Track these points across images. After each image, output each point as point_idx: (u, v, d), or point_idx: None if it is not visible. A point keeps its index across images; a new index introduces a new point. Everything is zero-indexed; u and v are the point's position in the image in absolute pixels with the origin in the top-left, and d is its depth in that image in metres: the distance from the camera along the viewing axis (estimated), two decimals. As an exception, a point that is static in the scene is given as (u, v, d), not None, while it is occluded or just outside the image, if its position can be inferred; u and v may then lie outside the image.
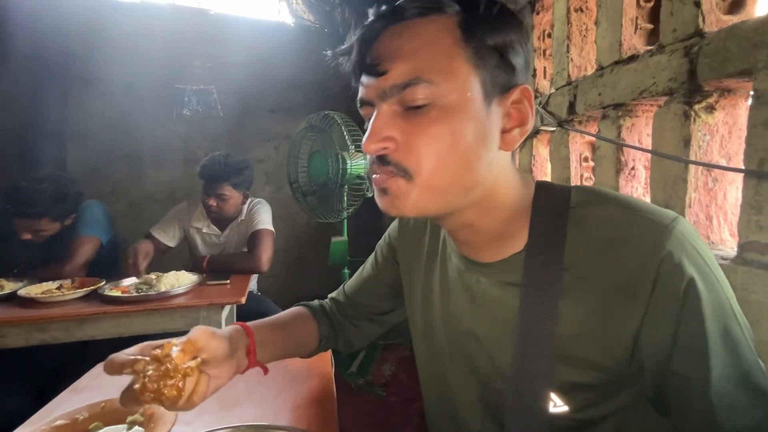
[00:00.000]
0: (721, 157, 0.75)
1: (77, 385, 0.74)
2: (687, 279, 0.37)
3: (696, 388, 0.37)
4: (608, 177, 0.96)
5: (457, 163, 0.41)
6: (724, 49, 0.68)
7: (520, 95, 0.42)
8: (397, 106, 0.41)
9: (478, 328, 0.49)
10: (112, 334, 1.19)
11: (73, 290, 1.24)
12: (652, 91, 0.82)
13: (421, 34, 0.40)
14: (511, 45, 0.41)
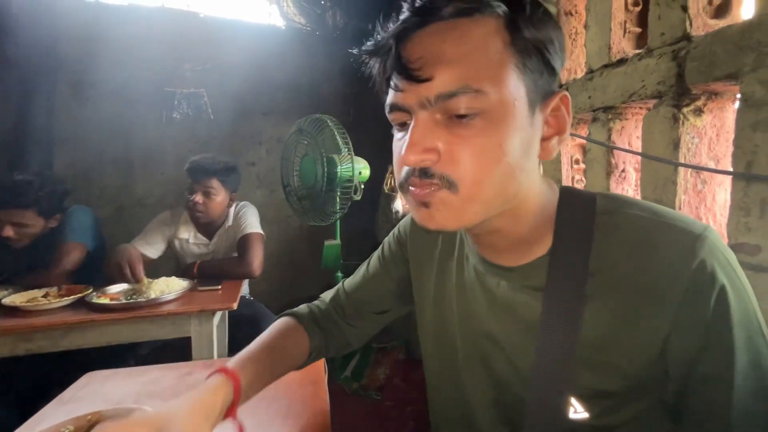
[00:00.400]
0: (709, 159, 0.76)
1: (63, 397, 0.72)
2: (719, 286, 0.37)
3: (717, 394, 0.38)
4: (599, 179, 0.96)
5: (503, 175, 0.39)
6: (711, 52, 0.68)
7: (559, 102, 0.41)
8: (439, 115, 0.38)
9: (497, 331, 0.48)
10: (100, 343, 1.16)
11: (59, 298, 1.21)
12: (641, 94, 0.83)
13: (469, 37, 0.37)
14: (553, 47, 0.39)
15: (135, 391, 0.74)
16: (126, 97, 2.37)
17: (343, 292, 0.71)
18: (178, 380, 0.78)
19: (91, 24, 2.32)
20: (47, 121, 2.23)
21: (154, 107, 2.44)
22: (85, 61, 2.31)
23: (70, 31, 2.28)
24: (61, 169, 2.31)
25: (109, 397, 0.71)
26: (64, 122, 2.30)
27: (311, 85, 2.66)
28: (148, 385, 0.76)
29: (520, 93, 0.38)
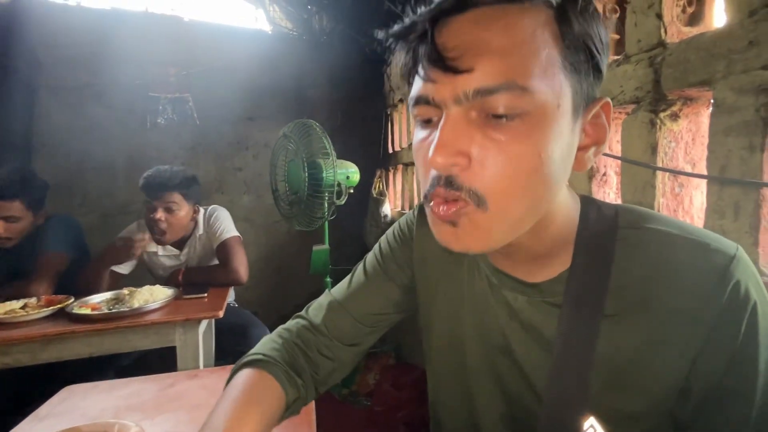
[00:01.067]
0: (686, 162, 0.78)
1: (39, 413, 0.70)
2: (752, 303, 0.37)
3: (738, 408, 0.37)
4: (582, 182, 0.98)
5: (538, 188, 0.36)
6: (685, 59, 0.70)
7: (600, 109, 0.38)
8: (474, 113, 0.34)
9: (514, 345, 0.46)
10: (82, 355, 1.14)
11: (38, 309, 1.18)
12: (620, 99, 0.84)
13: (516, 27, 0.33)
14: (602, 46, 0.36)
15: (115, 405, 0.72)
16: (108, 102, 2.33)
17: (338, 307, 0.60)
18: (161, 392, 0.76)
19: (71, 28, 2.28)
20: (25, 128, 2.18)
21: (137, 112, 2.41)
22: (64, 66, 2.27)
23: (50, 35, 2.24)
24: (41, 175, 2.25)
25: (87, 412, 0.69)
26: (43, 129, 2.25)
27: (298, 90, 2.66)
28: (130, 398, 0.75)
29: (565, 95, 0.34)
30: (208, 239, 1.65)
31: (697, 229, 0.40)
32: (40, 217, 1.46)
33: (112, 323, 1.14)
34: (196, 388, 0.78)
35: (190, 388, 0.78)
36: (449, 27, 0.34)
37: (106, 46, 2.30)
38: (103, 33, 2.30)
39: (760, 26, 0.58)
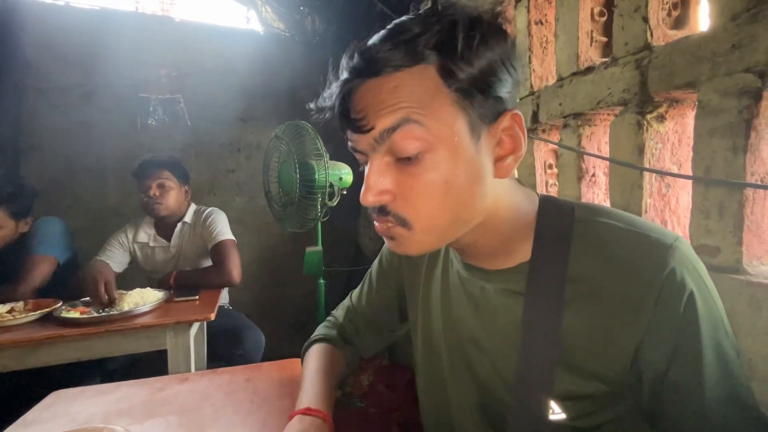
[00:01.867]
0: (672, 163, 0.79)
1: (26, 418, 0.69)
2: (687, 293, 0.39)
3: (690, 401, 0.39)
4: (571, 184, 0.99)
5: (453, 206, 0.42)
6: (671, 62, 0.71)
7: (510, 121, 0.42)
8: (389, 157, 0.41)
9: (480, 335, 0.50)
10: (70, 359, 1.12)
11: (25, 313, 1.16)
12: (608, 101, 0.86)
13: (403, 87, 0.40)
14: (497, 75, 0.41)
15: (104, 410, 0.71)
16: (98, 103, 2.31)
17: (352, 308, 0.75)
18: (151, 396, 0.76)
19: (60, 28, 2.25)
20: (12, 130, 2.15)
21: (128, 114, 2.38)
22: (52, 66, 2.24)
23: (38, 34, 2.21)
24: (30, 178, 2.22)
25: (76, 417, 0.68)
26: (31, 130, 2.22)
27: (291, 91, 2.65)
28: (119, 402, 0.74)
29: (460, 127, 0.40)
30: (200, 236, 1.65)
31: (643, 223, 0.43)
32: (24, 224, 1.44)
33: (102, 327, 1.12)
34: (186, 392, 0.77)
35: (180, 392, 0.77)
36: (355, 97, 0.41)
37: (96, 46, 2.28)
38: (92, 33, 2.28)
39: (742, 30, 0.60)
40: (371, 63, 0.40)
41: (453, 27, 0.39)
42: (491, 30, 0.41)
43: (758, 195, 0.61)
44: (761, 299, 0.56)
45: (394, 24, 0.42)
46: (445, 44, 0.39)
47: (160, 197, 1.58)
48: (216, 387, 0.79)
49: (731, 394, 0.39)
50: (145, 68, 2.40)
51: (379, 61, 0.40)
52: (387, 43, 0.40)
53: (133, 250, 1.65)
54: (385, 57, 0.40)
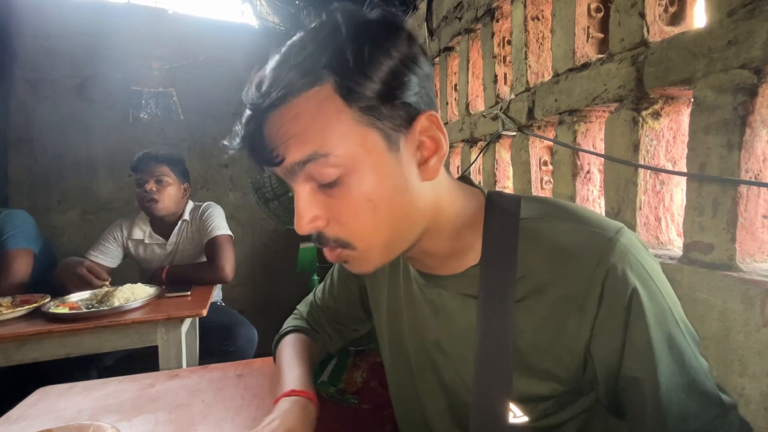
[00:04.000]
0: (667, 161, 0.79)
1: (10, 415, 0.67)
2: (630, 289, 0.38)
3: (647, 394, 0.39)
4: (566, 180, 0.99)
5: (388, 220, 0.41)
6: (667, 58, 0.71)
7: (427, 122, 0.41)
8: (312, 183, 0.40)
9: (442, 340, 0.50)
10: (59, 356, 1.10)
11: (12, 309, 1.14)
12: (604, 97, 0.85)
13: (304, 113, 0.38)
14: (400, 80, 0.39)
15: (92, 406, 0.70)
16: (88, 95, 2.27)
17: (315, 303, 0.76)
18: (140, 392, 0.75)
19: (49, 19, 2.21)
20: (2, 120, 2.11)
21: (119, 107, 2.35)
22: (43, 56, 2.20)
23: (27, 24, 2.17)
24: (18, 171, 2.19)
25: (62, 414, 0.67)
26: (19, 122, 2.18)
27: (285, 86, 2.63)
28: (107, 398, 0.73)
29: (374, 144, 0.39)
30: (198, 232, 1.62)
31: (585, 216, 0.43)
32: None
33: (91, 323, 1.10)
34: (176, 388, 0.76)
35: (170, 388, 0.76)
36: (261, 132, 0.40)
37: (87, 37, 2.24)
38: (83, 24, 2.24)
39: (738, 26, 0.59)
40: (266, 96, 0.38)
41: (341, 40, 0.38)
42: (383, 33, 0.39)
43: (752, 192, 0.61)
44: (753, 296, 0.56)
45: (285, 47, 0.40)
46: (336, 60, 0.37)
47: (156, 193, 1.53)
48: (207, 383, 0.78)
49: (688, 382, 0.39)
50: (138, 61, 2.36)
51: (273, 91, 0.38)
52: (279, 70, 0.39)
53: (127, 246, 1.62)
54: (278, 86, 0.38)
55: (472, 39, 1.47)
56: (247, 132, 0.40)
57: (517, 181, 1.20)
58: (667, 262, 0.70)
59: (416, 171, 0.42)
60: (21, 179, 2.16)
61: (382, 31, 0.39)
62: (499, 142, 1.31)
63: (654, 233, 0.80)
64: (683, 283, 0.66)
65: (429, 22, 1.79)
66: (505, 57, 1.30)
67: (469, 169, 1.47)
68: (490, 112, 1.31)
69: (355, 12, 0.40)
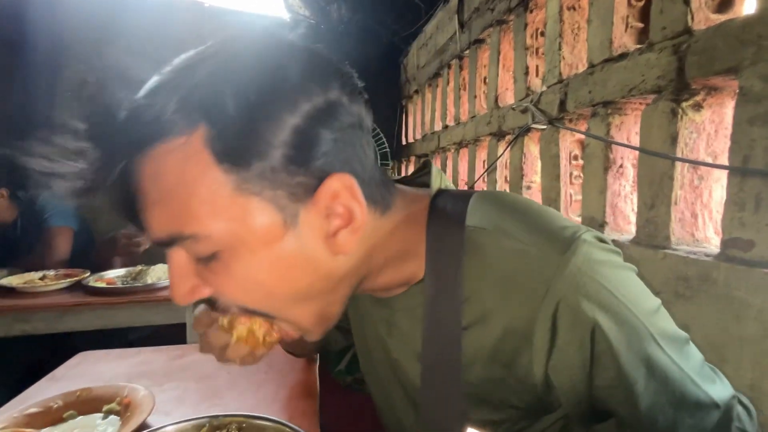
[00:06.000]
0: (707, 155, 0.76)
1: (55, 374, 0.73)
2: (591, 324, 0.34)
3: (626, 417, 0.36)
4: (597, 175, 0.96)
5: (296, 298, 0.35)
6: (712, 46, 0.68)
7: (338, 187, 0.32)
8: (185, 252, 0.33)
9: (400, 358, 0.46)
10: (96, 326, 1.17)
11: (56, 281, 1.22)
12: (641, 88, 0.82)
13: (165, 171, 0.30)
14: (303, 139, 0.31)
15: (126, 371, 0.74)
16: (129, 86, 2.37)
17: None
18: (170, 362, 0.78)
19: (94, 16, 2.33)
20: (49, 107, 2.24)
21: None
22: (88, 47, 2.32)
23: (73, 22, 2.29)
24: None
25: (100, 376, 0.72)
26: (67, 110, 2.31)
27: (314, 78, 2.67)
28: (140, 365, 0.77)
29: (259, 216, 0.31)
30: None
31: (537, 224, 0.37)
32: None
33: (126, 297, 1.17)
34: (203, 360, 0.78)
35: (198, 359, 0.80)
36: (124, 179, 0.31)
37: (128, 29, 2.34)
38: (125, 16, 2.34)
39: (793, 11, 0.56)
40: (122, 139, 0.30)
41: (224, 76, 0.30)
42: (292, 71, 0.31)
43: (800, 187, 0.58)
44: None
45: (163, 73, 0.32)
46: (211, 103, 0.29)
47: None
48: (232, 358, 0.81)
49: (675, 396, 0.35)
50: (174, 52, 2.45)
51: (126, 134, 0.30)
52: (141, 104, 0.31)
53: None
54: (133, 127, 0.30)
55: (504, 30, 1.45)
56: (108, 181, 0.31)
57: (546, 175, 1.17)
58: (702, 259, 0.67)
59: (323, 245, 0.34)
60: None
61: (287, 70, 0.31)
62: (528, 135, 1.28)
63: (689, 230, 0.77)
64: (719, 280, 0.64)
65: (460, 14, 1.77)
66: (537, 48, 1.28)
67: (495, 164, 1.45)
68: (520, 104, 1.28)
69: (256, 39, 0.33)
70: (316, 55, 0.34)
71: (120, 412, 0.58)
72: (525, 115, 1.25)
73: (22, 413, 0.55)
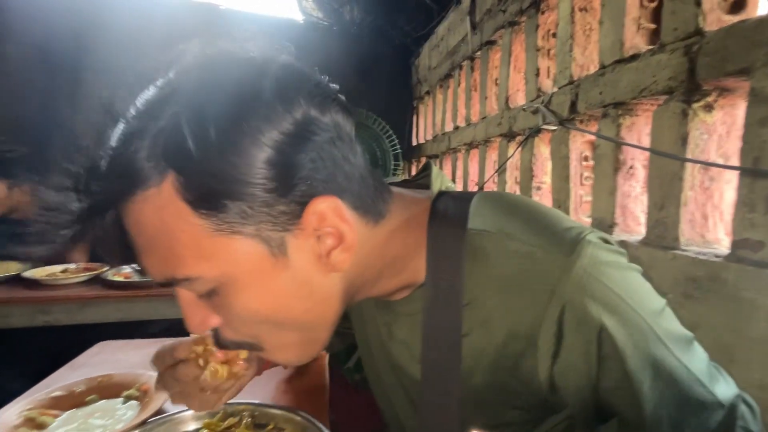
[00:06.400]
0: (718, 156, 0.76)
1: (75, 362, 0.76)
2: (598, 327, 0.33)
3: (631, 418, 0.36)
4: (607, 176, 0.96)
5: (290, 327, 0.35)
6: (724, 47, 0.68)
7: (324, 209, 0.32)
8: None
9: (401, 362, 0.46)
10: (113, 319, 1.21)
11: (77, 274, 1.26)
12: (652, 89, 0.82)
13: (143, 224, 0.31)
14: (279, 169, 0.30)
15: (144, 360, 0.76)
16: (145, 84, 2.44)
17: None
18: (185, 353, 0.81)
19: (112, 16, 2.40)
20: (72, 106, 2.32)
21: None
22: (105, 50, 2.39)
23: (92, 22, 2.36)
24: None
25: (119, 364, 0.75)
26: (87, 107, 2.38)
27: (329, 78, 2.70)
28: (157, 355, 0.80)
29: (244, 252, 0.31)
30: None
31: (541, 225, 0.37)
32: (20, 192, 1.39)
33: (143, 291, 1.21)
34: (217, 352, 0.82)
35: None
36: (114, 229, 0.33)
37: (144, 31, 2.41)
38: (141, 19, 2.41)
39: (805, 12, 0.56)
40: (99, 193, 0.31)
41: (180, 119, 0.29)
42: (246, 104, 0.30)
43: (812, 189, 0.58)
44: (807, 297, 0.53)
45: (123, 121, 0.32)
46: (173, 149, 0.29)
47: None
48: (244, 350, 0.83)
49: (681, 397, 0.35)
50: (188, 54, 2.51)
51: (102, 187, 0.31)
52: (112, 155, 0.31)
53: None
54: (108, 180, 0.30)
55: (515, 32, 1.45)
56: (83, 228, 0.32)
57: (556, 176, 1.17)
58: (711, 260, 0.67)
59: (317, 266, 0.34)
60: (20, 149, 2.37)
61: (247, 97, 0.30)
62: (538, 136, 1.29)
63: (699, 231, 0.76)
64: (728, 281, 0.64)
65: (472, 15, 1.78)
66: (549, 50, 1.28)
67: (505, 164, 1.45)
68: (531, 105, 1.29)
69: (209, 65, 0.32)
70: (276, 71, 0.32)
71: (139, 398, 0.60)
72: (535, 116, 1.25)
73: (48, 396, 0.58)
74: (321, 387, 0.70)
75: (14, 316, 1.15)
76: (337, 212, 0.33)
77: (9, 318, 1.15)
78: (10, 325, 1.15)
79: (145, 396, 0.60)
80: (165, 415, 0.53)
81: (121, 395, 0.61)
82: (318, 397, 0.68)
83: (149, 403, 0.58)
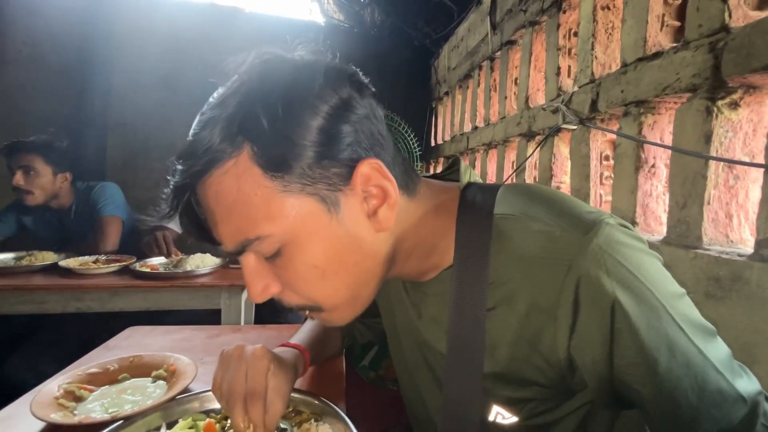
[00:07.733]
0: (744, 154, 0.74)
1: (108, 344, 0.80)
2: (610, 301, 0.35)
3: (647, 400, 0.36)
4: (628, 175, 0.95)
5: (344, 280, 0.40)
6: (750, 43, 0.67)
7: (368, 171, 0.38)
8: (255, 255, 0.39)
9: (430, 340, 0.48)
10: (141, 307, 1.27)
11: (107, 265, 1.32)
12: (676, 87, 0.81)
13: (223, 192, 0.36)
14: (329, 136, 0.36)
15: (170, 345, 0.81)
16: (171, 86, 2.53)
17: None
18: (208, 340, 0.85)
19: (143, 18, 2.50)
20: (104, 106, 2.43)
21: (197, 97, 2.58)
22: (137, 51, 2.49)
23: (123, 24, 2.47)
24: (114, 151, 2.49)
25: (148, 348, 0.78)
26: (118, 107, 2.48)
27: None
28: (183, 341, 0.83)
29: (307, 210, 0.36)
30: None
31: (562, 210, 0.39)
32: (62, 177, 1.53)
33: (168, 282, 1.26)
34: (238, 339, 0.84)
35: (233, 339, 0.85)
36: (193, 206, 0.39)
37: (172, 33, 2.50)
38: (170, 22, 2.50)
39: (836, 6, 0.55)
40: (184, 173, 0.36)
41: (252, 99, 0.35)
42: (303, 84, 0.36)
43: (841, 186, 0.56)
44: (834, 296, 0.52)
45: (206, 106, 0.38)
46: (249, 125, 0.35)
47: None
48: (264, 339, 0.86)
49: (697, 383, 0.35)
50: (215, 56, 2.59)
51: (187, 166, 0.36)
52: (194, 138, 0.36)
53: None
54: (192, 160, 0.35)
55: (536, 31, 1.45)
56: (173, 206, 0.38)
57: (575, 175, 1.17)
58: (734, 259, 0.66)
59: (366, 224, 0.39)
60: (116, 158, 2.46)
61: (302, 82, 0.36)
62: (558, 135, 1.28)
63: (723, 230, 0.75)
64: (752, 281, 0.62)
65: (492, 16, 1.78)
66: (570, 49, 1.27)
67: (524, 164, 1.45)
68: (551, 105, 1.28)
69: (270, 62, 0.37)
70: (324, 64, 0.39)
71: (167, 378, 0.64)
72: (555, 115, 1.24)
73: (85, 372, 0.62)
74: (338, 375, 0.72)
75: (49, 303, 1.21)
76: (380, 171, 0.38)
77: (44, 304, 1.21)
78: (45, 311, 1.21)
79: (172, 376, 0.63)
80: (192, 393, 0.56)
81: (151, 375, 0.64)
82: (335, 384, 0.69)
83: (176, 382, 0.61)
